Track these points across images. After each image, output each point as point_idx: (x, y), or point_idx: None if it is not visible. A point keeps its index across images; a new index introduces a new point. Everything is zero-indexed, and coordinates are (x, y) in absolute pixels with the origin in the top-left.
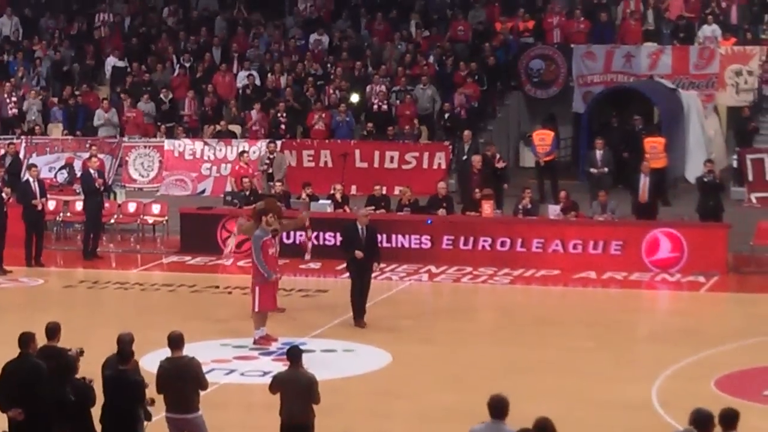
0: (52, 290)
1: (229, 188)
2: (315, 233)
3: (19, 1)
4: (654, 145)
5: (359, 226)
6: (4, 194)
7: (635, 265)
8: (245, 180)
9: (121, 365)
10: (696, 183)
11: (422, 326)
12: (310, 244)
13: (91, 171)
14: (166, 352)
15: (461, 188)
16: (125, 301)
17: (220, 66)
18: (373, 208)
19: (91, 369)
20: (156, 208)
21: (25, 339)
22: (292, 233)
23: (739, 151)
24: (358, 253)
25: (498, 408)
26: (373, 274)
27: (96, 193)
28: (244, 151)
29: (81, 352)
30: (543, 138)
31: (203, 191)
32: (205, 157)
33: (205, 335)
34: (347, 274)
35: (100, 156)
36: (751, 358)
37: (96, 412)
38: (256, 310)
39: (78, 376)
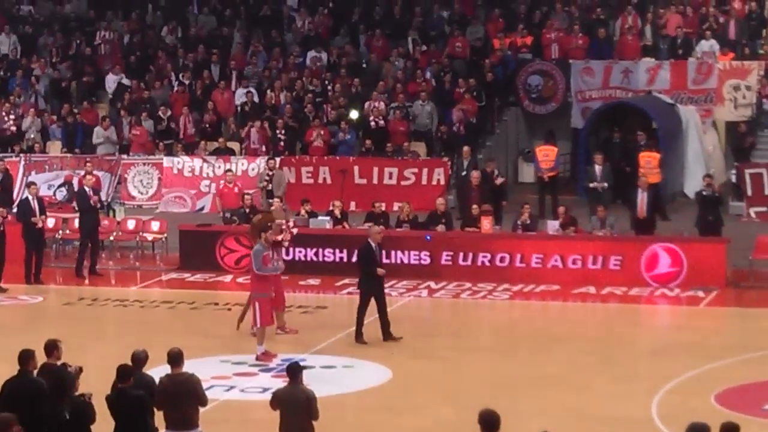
0: (52, 307)
1: (217, 208)
2: (315, 250)
3: (18, 19)
4: (648, 159)
5: (373, 244)
6: None
7: (634, 280)
8: (246, 197)
9: (120, 383)
10: (695, 197)
11: (422, 342)
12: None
13: (87, 188)
14: (165, 369)
15: (460, 204)
16: (125, 318)
17: (218, 83)
18: (371, 224)
19: (90, 386)
20: (155, 225)
21: (25, 356)
22: (291, 250)
23: (738, 166)
24: (381, 271)
25: (490, 422)
26: None
27: (91, 210)
28: (229, 170)
29: (80, 370)
30: (547, 154)
31: (202, 208)
32: (204, 174)
33: (204, 352)
34: (346, 290)
35: (99, 173)
36: (751, 373)
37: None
38: (258, 325)
39: (78, 392)
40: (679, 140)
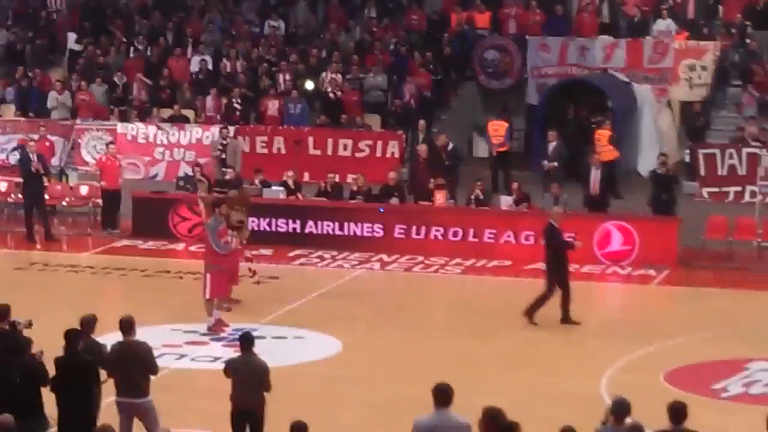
0: (3, 272)
1: (98, 184)
2: (267, 219)
3: None
4: (598, 137)
5: (556, 224)
6: None
7: (587, 257)
8: (197, 168)
9: (69, 348)
10: (649, 176)
11: (373, 315)
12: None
13: (30, 155)
14: (116, 336)
15: (410, 178)
16: (76, 284)
17: (174, 50)
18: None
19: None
20: None
21: None
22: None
23: (692, 146)
24: (578, 244)
25: (443, 395)
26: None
27: (34, 177)
28: (111, 142)
29: (29, 324)
30: (497, 129)
31: (156, 175)
32: (158, 142)
33: (156, 320)
34: (299, 261)
35: (52, 138)
36: (700, 352)
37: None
38: (207, 297)
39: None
40: (633, 119)
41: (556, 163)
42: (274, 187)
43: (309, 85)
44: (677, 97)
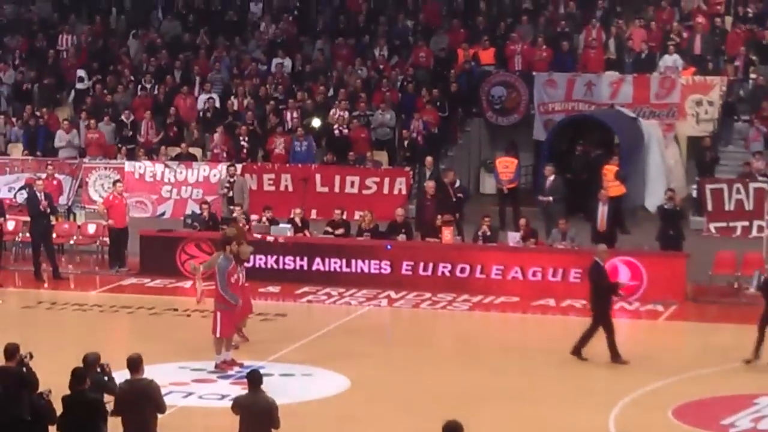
0: (11, 311)
1: (106, 223)
2: (274, 258)
3: None
4: (605, 172)
5: (601, 262)
6: None
7: None
8: (205, 205)
9: (77, 385)
10: (657, 211)
11: (381, 352)
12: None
13: (38, 194)
14: (124, 375)
15: (417, 214)
16: (84, 322)
17: (181, 88)
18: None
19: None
20: None
21: None
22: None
23: (699, 181)
24: (621, 283)
25: None
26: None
27: (42, 215)
28: (117, 181)
29: (31, 356)
30: (507, 165)
31: (163, 213)
32: (166, 180)
33: (163, 358)
34: (306, 298)
35: (60, 177)
36: (708, 388)
37: None
38: (218, 335)
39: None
40: (640, 154)
41: (551, 198)
42: (281, 225)
43: (315, 122)
44: (684, 133)
